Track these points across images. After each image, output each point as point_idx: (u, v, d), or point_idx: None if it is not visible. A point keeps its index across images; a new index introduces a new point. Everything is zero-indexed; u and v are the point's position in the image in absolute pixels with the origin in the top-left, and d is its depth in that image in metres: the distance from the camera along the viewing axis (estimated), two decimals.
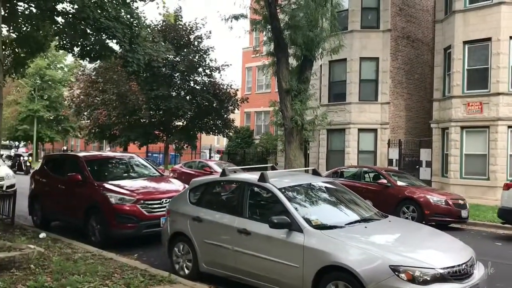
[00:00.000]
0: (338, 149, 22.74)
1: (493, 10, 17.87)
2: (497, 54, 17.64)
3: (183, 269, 7.00)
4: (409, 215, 12.55)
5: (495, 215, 12.07)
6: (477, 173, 18.15)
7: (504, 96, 17.57)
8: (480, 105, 18.10)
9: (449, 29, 19.52)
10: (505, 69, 17.61)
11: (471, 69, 18.64)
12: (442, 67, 20.44)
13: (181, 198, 7.49)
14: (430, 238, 5.92)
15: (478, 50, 18.55)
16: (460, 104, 18.68)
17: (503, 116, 17.51)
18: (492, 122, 17.68)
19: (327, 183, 7.27)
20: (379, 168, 15.81)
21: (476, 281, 5.00)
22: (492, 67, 17.80)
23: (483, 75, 18.24)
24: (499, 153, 17.47)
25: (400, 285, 4.60)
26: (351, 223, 5.86)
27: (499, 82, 17.57)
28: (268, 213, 6.14)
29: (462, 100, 18.63)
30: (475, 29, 18.32)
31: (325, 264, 5.10)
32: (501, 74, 17.58)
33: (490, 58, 17.90)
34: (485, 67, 18.17)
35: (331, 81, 23.32)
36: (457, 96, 18.75)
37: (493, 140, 17.62)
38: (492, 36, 17.78)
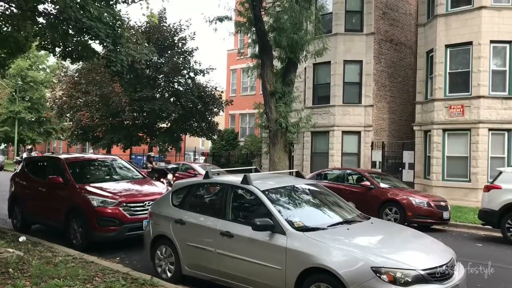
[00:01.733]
0: (322, 151, 22.85)
1: (474, 14, 18.15)
2: (478, 57, 17.91)
3: (165, 272, 6.94)
4: (392, 216, 12.67)
5: (476, 217, 12.26)
6: (458, 175, 18.39)
7: (485, 99, 17.85)
8: (461, 108, 18.36)
9: (432, 33, 19.78)
10: (485, 72, 17.88)
11: (453, 72, 18.90)
12: (424, 70, 20.69)
13: (164, 201, 7.43)
14: (411, 239, 5.97)
15: (459, 53, 18.82)
16: (442, 107, 18.91)
17: (484, 119, 17.78)
18: (474, 125, 17.94)
19: (311, 185, 7.29)
20: (362, 170, 15.93)
21: (457, 281, 5.05)
22: (473, 70, 18.07)
23: (464, 78, 18.50)
24: (480, 155, 17.72)
25: (382, 286, 4.63)
26: (334, 225, 5.89)
27: (480, 86, 17.84)
28: (251, 215, 6.13)
29: (444, 103, 18.87)
30: (456, 33, 18.58)
31: (308, 266, 5.10)
32: (482, 77, 17.85)
33: (471, 61, 18.16)
34: (466, 71, 18.43)
35: (315, 84, 23.43)
36: (439, 99, 18.99)
37: (474, 143, 17.88)
38: (473, 40, 18.06)
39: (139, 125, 29.23)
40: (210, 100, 29.21)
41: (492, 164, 17.36)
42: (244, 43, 23.28)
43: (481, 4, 17.92)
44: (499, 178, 11.36)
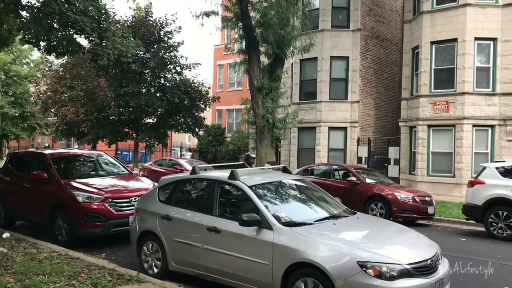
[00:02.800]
0: (308, 147, 22.94)
1: (459, 11, 18.33)
2: (462, 54, 18.11)
3: (152, 268, 6.92)
4: (377, 211, 12.78)
5: (460, 212, 12.43)
6: (443, 170, 18.61)
7: (470, 95, 18.07)
8: (446, 104, 18.56)
9: (417, 30, 19.93)
10: (470, 69, 18.09)
11: (438, 69, 19.09)
12: (410, 67, 20.86)
13: (150, 197, 7.40)
14: (397, 234, 6.02)
15: (445, 50, 19.01)
16: (427, 103, 19.10)
17: (468, 115, 18.00)
18: (458, 121, 18.16)
19: (297, 180, 7.31)
20: (348, 166, 16.02)
21: (441, 275, 5.11)
22: (458, 67, 18.28)
23: (449, 75, 18.70)
24: (464, 151, 17.95)
25: (368, 280, 4.67)
26: (320, 220, 5.91)
27: (465, 82, 18.05)
28: (238, 211, 6.13)
29: (429, 99, 19.06)
30: (442, 30, 18.76)
31: (294, 261, 5.13)
32: (466, 74, 18.06)
33: (456, 58, 18.36)
34: (451, 67, 18.63)
35: (302, 80, 23.48)
36: (425, 95, 19.17)
37: (459, 139, 18.10)
38: (458, 37, 18.25)
39: (125, 120, 28.99)
40: (197, 95, 29.10)
41: (476, 160, 17.62)
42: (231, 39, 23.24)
43: (465, 2, 18.11)
44: (483, 174, 11.52)
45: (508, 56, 17.79)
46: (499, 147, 17.93)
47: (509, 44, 17.78)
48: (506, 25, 17.90)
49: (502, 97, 17.97)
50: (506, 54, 17.85)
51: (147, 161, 31.03)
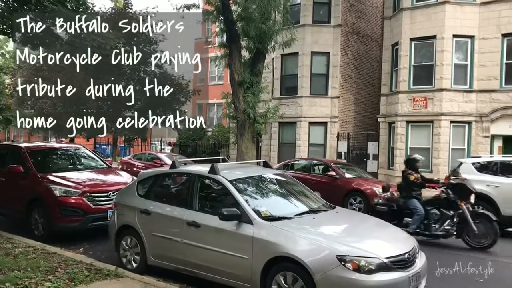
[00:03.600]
0: (289, 141, 23.02)
1: (438, 9, 18.56)
2: (441, 51, 18.36)
3: (130, 262, 6.86)
4: (356, 206, 12.92)
5: None
6: (421, 166, 18.81)
7: (447, 92, 18.34)
8: (424, 101, 18.81)
9: (397, 26, 20.12)
10: (448, 66, 18.36)
11: (417, 65, 19.31)
12: (389, 63, 21.05)
13: (129, 191, 7.33)
14: (375, 228, 6.10)
15: (424, 47, 19.24)
16: (406, 99, 19.33)
17: (446, 111, 18.28)
18: (436, 117, 18.43)
19: (278, 175, 7.33)
20: (328, 161, 16.14)
21: (418, 269, 5.20)
22: (437, 64, 18.52)
23: (428, 71, 18.94)
24: (441, 146, 18.24)
25: (346, 274, 4.72)
26: (300, 214, 5.94)
27: (443, 79, 18.31)
28: (219, 205, 6.13)
29: (408, 95, 19.28)
30: (421, 26, 18.97)
31: (274, 255, 5.15)
32: (444, 70, 18.32)
33: (435, 55, 18.61)
34: (430, 64, 18.86)
35: (283, 75, 23.51)
36: (404, 91, 19.39)
37: (437, 134, 18.38)
38: (437, 34, 18.48)
39: (104, 113, 28.58)
40: (177, 89, 28.79)
41: (453, 156, 17.90)
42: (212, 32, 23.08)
43: None
44: (459, 169, 11.72)
45: (485, 53, 18.10)
46: (475, 143, 18.27)
47: (486, 41, 18.09)
48: (483, 23, 18.19)
49: (479, 94, 18.29)
50: (483, 51, 18.15)
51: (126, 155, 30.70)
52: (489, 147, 17.94)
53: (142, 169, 16.53)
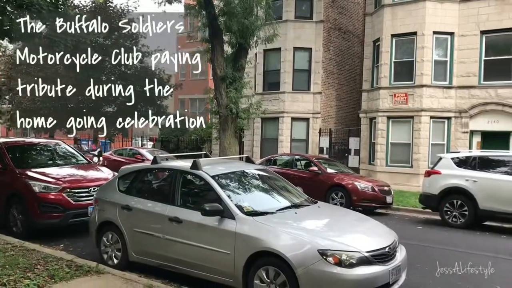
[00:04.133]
0: (272, 137, 23.07)
1: (418, 5, 18.75)
2: (421, 48, 18.57)
3: (112, 258, 6.80)
4: (338, 201, 13.01)
5: (417, 201, 12.82)
6: (401, 161, 19.12)
7: (428, 88, 18.58)
8: (405, 96, 19.02)
9: (378, 22, 20.28)
10: (428, 62, 18.59)
11: (398, 61, 19.51)
12: (371, 59, 21.22)
13: (110, 186, 7.26)
14: (356, 223, 6.15)
15: (404, 43, 19.44)
16: (387, 95, 19.52)
17: (426, 107, 18.53)
18: (416, 112, 18.66)
19: (260, 170, 7.33)
20: (310, 156, 16.22)
21: (398, 262, 5.27)
22: (417, 60, 18.74)
23: (408, 67, 19.15)
24: (422, 142, 18.49)
25: (328, 268, 4.75)
26: (282, 209, 5.96)
27: (423, 75, 18.54)
28: (201, 200, 6.11)
29: (389, 91, 19.48)
30: (402, 23, 19.15)
31: (256, 250, 5.15)
32: (425, 67, 18.54)
33: (415, 51, 18.81)
34: (410, 60, 19.08)
35: (265, 70, 23.52)
36: (385, 87, 19.58)
37: (417, 130, 18.62)
38: (418, 31, 18.69)
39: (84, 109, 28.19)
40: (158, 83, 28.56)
41: (433, 151, 18.17)
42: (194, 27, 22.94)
43: None
44: (439, 164, 11.91)
45: (464, 50, 18.37)
46: (454, 139, 18.57)
47: (465, 38, 18.35)
48: (462, 21, 18.45)
49: (458, 90, 18.57)
50: (462, 48, 18.42)
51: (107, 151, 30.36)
52: (468, 143, 18.27)
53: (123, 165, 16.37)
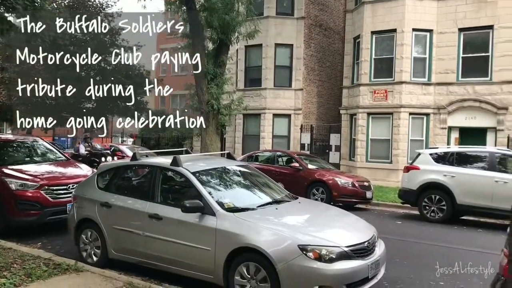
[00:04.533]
0: (253, 133, 23.07)
1: (398, 3, 18.93)
2: (401, 45, 18.77)
3: (91, 256, 6.73)
4: (319, 196, 13.10)
5: (396, 196, 12.99)
6: (381, 156, 19.33)
7: (407, 84, 18.79)
8: (385, 93, 19.21)
9: (359, 19, 20.42)
10: (407, 59, 18.80)
11: (378, 58, 19.69)
12: (351, 56, 21.37)
13: (89, 183, 7.17)
14: (336, 218, 6.20)
15: (384, 40, 19.62)
16: (367, 91, 19.69)
17: (405, 103, 18.75)
18: (396, 109, 18.87)
19: (241, 166, 7.33)
20: (291, 152, 16.27)
21: (377, 257, 5.33)
22: (397, 57, 18.93)
23: (388, 64, 19.34)
24: (401, 138, 18.72)
25: (308, 263, 4.78)
26: (263, 205, 5.98)
27: (403, 72, 18.74)
28: (181, 197, 6.08)
29: (369, 88, 19.65)
30: (382, 20, 19.32)
31: (237, 246, 5.15)
32: (404, 64, 18.75)
33: (395, 48, 19.01)
34: (390, 57, 19.26)
35: (247, 66, 23.49)
36: (365, 84, 19.74)
37: (396, 126, 18.84)
38: (397, 28, 18.87)
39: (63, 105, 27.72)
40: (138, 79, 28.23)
41: (412, 147, 18.40)
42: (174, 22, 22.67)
43: None
44: (418, 160, 12.08)
45: (443, 47, 18.63)
46: (433, 135, 18.84)
47: (443, 36, 18.61)
48: (441, 18, 18.70)
49: (437, 87, 18.84)
50: (441, 45, 18.68)
51: None
52: (446, 138, 18.55)
53: None
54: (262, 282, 5.00)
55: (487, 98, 17.70)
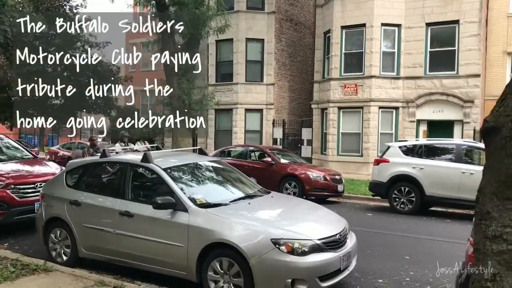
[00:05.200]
0: (226, 128, 23.02)
1: None
2: (370, 39, 19.02)
3: (60, 256, 6.59)
4: (291, 190, 13.18)
5: (367, 189, 13.19)
6: (352, 150, 19.60)
7: (376, 79, 19.08)
8: (355, 87, 19.45)
9: (329, 14, 20.57)
10: (377, 54, 19.07)
11: (348, 53, 19.90)
12: (322, 51, 21.53)
13: (57, 181, 7.01)
14: (309, 211, 6.25)
15: (354, 35, 19.83)
16: (338, 86, 19.89)
17: (375, 97, 19.04)
18: (366, 103, 19.14)
19: (213, 162, 7.31)
20: (264, 147, 16.31)
21: (349, 249, 5.41)
22: (366, 51, 19.18)
23: (358, 59, 19.58)
24: (371, 131, 19.01)
25: (281, 257, 4.81)
26: (236, 200, 5.97)
27: (372, 66, 19.01)
28: (153, 194, 6.01)
29: (340, 82, 19.85)
30: (351, 15, 19.52)
31: (210, 241, 5.14)
32: (373, 58, 19.02)
33: (365, 43, 19.25)
34: (360, 52, 19.51)
35: (218, 61, 23.38)
36: (335, 78, 19.93)
37: (366, 120, 19.11)
38: (366, 23, 19.11)
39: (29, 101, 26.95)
40: (107, 75, 27.70)
41: (382, 140, 18.72)
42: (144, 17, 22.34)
43: None
44: (387, 153, 12.29)
45: (411, 42, 18.97)
46: (402, 128, 19.21)
47: (411, 30, 18.95)
48: (409, 13, 19.03)
49: (406, 81, 19.18)
50: (409, 40, 19.02)
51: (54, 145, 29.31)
52: (415, 131, 18.95)
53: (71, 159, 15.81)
54: (235, 277, 5.00)
55: (454, 92, 18.15)
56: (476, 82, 17.89)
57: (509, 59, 19.17)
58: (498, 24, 19.28)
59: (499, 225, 2.50)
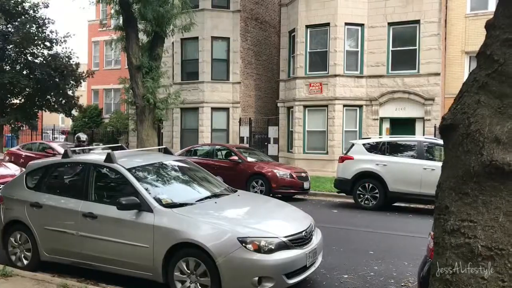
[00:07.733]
0: (192, 127, 22.85)
1: None
2: (334, 38, 19.28)
3: (21, 260, 6.40)
4: (258, 188, 13.24)
5: (333, 186, 13.38)
6: (317, 148, 19.84)
7: (340, 77, 19.37)
8: (320, 86, 19.69)
9: (294, 13, 20.72)
10: (341, 52, 19.36)
11: (313, 52, 20.11)
12: (287, 49, 21.67)
13: (17, 183, 6.79)
14: (275, 209, 6.29)
15: (318, 34, 20.05)
16: (303, 84, 20.08)
17: (339, 96, 19.32)
18: (330, 101, 19.40)
19: (179, 161, 7.24)
20: (230, 146, 16.30)
21: (314, 246, 5.48)
22: (330, 50, 19.44)
23: (323, 58, 19.82)
24: (336, 129, 19.29)
25: (247, 255, 4.82)
26: (202, 199, 5.94)
27: (336, 65, 19.28)
28: (117, 195, 5.91)
29: (305, 81, 20.05)
30: (316, 14, 19.73)
31: (176, 241, 5.09)
32: (338, 57, 19.29)
33: (329, 42, 19.50)
34: (324, 51, 19.74)
35: (183, 59, 23.17)
36: (301, 77, 20.12)
37: (331, 118, 19.38)
38: (330, 22, 19.36)
39: None
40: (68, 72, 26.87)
41: (346, 137, 19.03)
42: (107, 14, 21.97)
43: None
44: (352, 150, 12.50)
45: (373, 41, 19.35)
46: (366, 125, 19.57)
47: (374, 30, 19.33)
48: (371, 12, 19.40)
49: (369, 79, 19.56)
50: (372, 39, 19.40)
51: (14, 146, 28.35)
52: (378, 129, 19.35)
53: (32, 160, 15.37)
54: (202, 277, 4.98)
55: (416, 90, 18.63)
56: (437, 80, 18.42)
57: (467, 58, 19.83)
58: (456, 24, 19.92)
59: (457, 219, 2.59)
